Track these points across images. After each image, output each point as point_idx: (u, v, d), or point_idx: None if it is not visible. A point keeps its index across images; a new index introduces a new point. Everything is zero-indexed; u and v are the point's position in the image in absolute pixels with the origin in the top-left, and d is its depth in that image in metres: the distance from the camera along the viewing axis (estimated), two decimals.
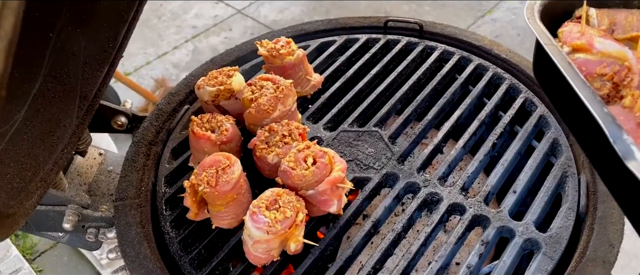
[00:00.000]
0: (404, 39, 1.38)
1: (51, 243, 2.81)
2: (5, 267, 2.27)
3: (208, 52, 3.78)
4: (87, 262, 2.71)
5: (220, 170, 1.00)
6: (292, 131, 1.09)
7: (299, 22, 1.48)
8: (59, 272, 2.69)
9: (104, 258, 2.67)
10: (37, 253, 2.76)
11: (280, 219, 0.92)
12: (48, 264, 2.71)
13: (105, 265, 2.63)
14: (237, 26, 3.99)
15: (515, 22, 3.72)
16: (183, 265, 0.99)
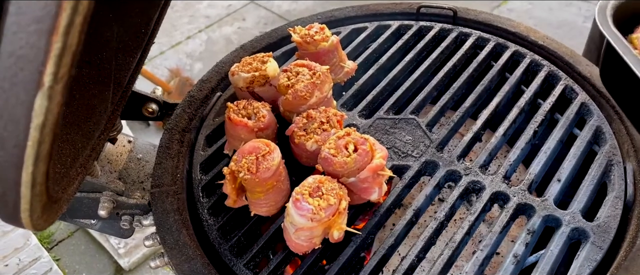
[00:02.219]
0: (437, 25, 1.35)
1: (68, 232, 2.81)
2: (25, 256, 2.28)
3: (222, 42, 3.76)
4: (104, 251, 2.71)
5: (260, 157, 0.98)
6: (330, 118, 1.07)
7: (313, 12, 1.46)
8: (76, 261, 2.69)
9: (121, 247, 2.67)
10: (54, 242, 2.77)
11: (324, 206, 0.91)
12: (65, 253, 2.72)
13: (123, 254, 2.64)
14: (250, 16, 3.96)
15: (531, 12, 3.67)
16: (223, 253, 0.98)
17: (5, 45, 0.44)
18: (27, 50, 0.43)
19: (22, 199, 0.58)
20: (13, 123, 0.48)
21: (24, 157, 0.51)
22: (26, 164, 0.52)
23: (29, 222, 0.65)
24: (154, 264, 1.05)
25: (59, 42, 0.44)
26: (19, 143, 0.50)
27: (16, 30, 0.42)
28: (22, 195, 0.57)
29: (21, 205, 0.59)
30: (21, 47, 0.43)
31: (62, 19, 0.42)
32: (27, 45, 0.43)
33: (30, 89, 0.46)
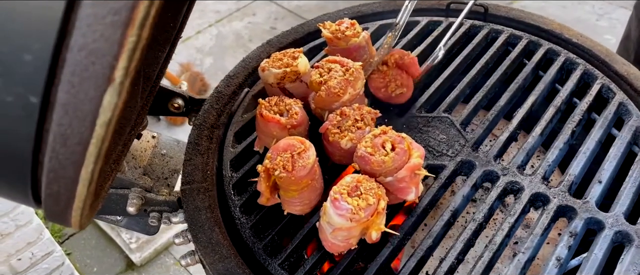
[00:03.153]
0: (468, 21, 1.33)
1: None
2: (38, 250, 2.26)
3: (232, 37, 3.74)
4: (116, 246, 2.70)
5: (296, 154, 0.96)
6: (364, 116, 1.05)
7: (323, 8, 1.44)
8: (88, 255, 2.68)
9: (133, 242, 2.66)
10: (65, 236, 2.76)
11: (363, 206, 0.89)
12: (76, 247, 2.71)
13: (135, 249, 2.62)
14: (260, 11, 3.93)
15: (545, 9, 3.64)
16: (257, 252, 0.96)
17: (76, 39, 0.42)
18: (101, 43, 0.41)
19: (77, 197, 0.56)
20: (79, 119, 0.46)
21: (85, 155, 0.49)
22: (87, 162, 0.50)
23: (78, 220, 0.63)
24: (184, 261, 1.04)
25: (134, 35, 0.42)
26: (82, 140, 0.48)
27: (91, 23, 0.40)
28: (77, 194, 0.55)
29: (74, 203, 0.57)
30: (95, 40, 0.41)
31: (139, 11, 0.40)
32: (101, 38, 0.41)
33: (100, 84, 0.43)
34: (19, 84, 0.44)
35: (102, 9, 0.40)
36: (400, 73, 1.13)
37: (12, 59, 0.43)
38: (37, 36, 0.42)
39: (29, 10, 0.41)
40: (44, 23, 0.41)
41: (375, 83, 1.14)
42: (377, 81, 1.14)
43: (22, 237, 2.15)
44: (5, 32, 0.41)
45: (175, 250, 2.67)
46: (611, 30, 3.43)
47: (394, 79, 1.13)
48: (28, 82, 0.44)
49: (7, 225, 2.07)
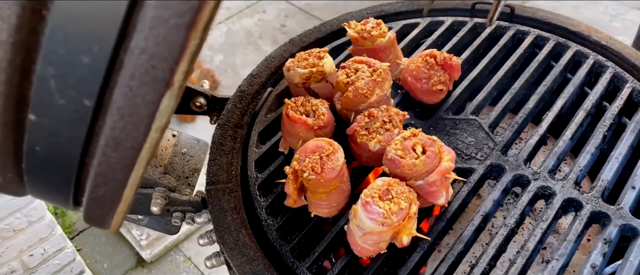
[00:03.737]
0: (493, 22, 1.31)
1: None
2: (50, 246, 2.25)
3: (242, 34, 3.72)
4: (126, 242, 2.69)
5: (325, 156, 0.95)
6: (392, 117, 1.03)
7: (333, 7, 1.43)
8: (98, 251, 2.68)
9: (143, 238, 2.65)
10: (75, 232, 2.75)
11: (395, 210, 0.87)
12: (86, 243, 2.70)
13: (145, 245, 2.62)
14: (270, 8, 3.92)
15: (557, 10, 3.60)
16: (285, 255, 0.95)
17: (137, 41, 0.40)
18: (163, 46, 0.40)
19: (122, 201, 0.54)
20: (134, 124, 0.45)
21: (137, 159, 0.48)
22: (138, 166, 0.49)
23: (118, 223, 0.62)
24: (209, 263, 1.02)
25: (196, 38, 0.40)
26: (136, 145, 0.46)
27: (154, 25, 0.39)
28: (123, 197, 0.54)
29: (118, 207, 0.56)
30: (157, 44, 0.40)
31: (204, 13, 0.39)
32: (163, 41, 0.40)
33: (159, 88, 0.42)
34: (73, 86, 0.43)
35: (166, 11, 0.38)
36: (443, 73, 1.11)
37: (69, 61, 0.41)
38: (97, 38, 0.40)
39: (89, 12, 0.39)
40: (105, 25, 0.40)
41: (417, 72, 1.11)
42: (420, 71, 1.11)
43: (34, 233, 2.14)
44: (64, 34, 0.40)
45: (185, 248, 2.66)
46: (625, 31, 3.40)
47: (437, 75, 1.11)
48: (83, 85, 0.43)
49: (20, 221, 2.06)
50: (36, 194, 0.60)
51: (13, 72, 0.42)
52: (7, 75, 0.42)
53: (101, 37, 0.41)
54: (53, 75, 0.43)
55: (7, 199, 1.97)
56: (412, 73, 1.13)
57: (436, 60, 1.12)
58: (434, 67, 1.12)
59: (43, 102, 0.45)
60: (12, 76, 0.43)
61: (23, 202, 2.03)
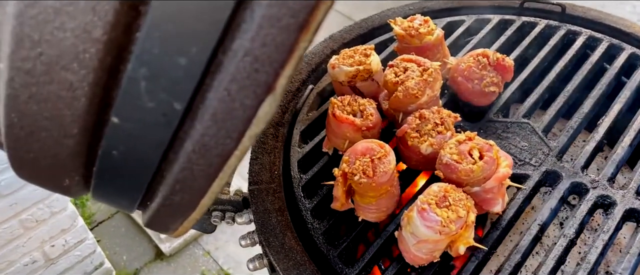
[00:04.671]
0: (543, 21, 1.26)
1: (109, 213, 2.78)
2: (71, 237, 2.24)
3: None
4: (145, 235, 2.68)
5: (376, 159, 0.91)
6: (444, 119, 0.99)
7: (344, 5, 1.38)
8: (117, 243, 2.66)
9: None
10: (95, 223, 2.74)
11: (454, 218, 0.83)
12: (106, 234, 2.69)
13: (164, 238, 2.60)
14: None
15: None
16: (333, 260, 0.91)
17: (242, 42, 0.36)
18: (270, 48, 0.36)
19: (197, 209, 0.51)
20: (226, 130, 0.41)
21: (223, 167, 0.44)
22: (223, 175, 0.45)
23: (184, 230, 0.58)
24: (251, 265, 0.99)
25: (306, 40, 0.36)
26: (225, 152, 0.42)
27: (263, 25, 0.35)
28: (199, 206, 0.50)
29: (191, 215, 0.53)
30: (264, 45, 0.36)
31: (319, 13, 0.35)
32: (272, 42, 0.36)
33: (260, 93, 0.38)
34: (165, 89, 0.39)
35: (280, 10, 0.34)
36: (496, 74, 1.06)
37: (164, 62, 0.38)
38: (197, 38, 0.37)
39: (191, 10, 0.35)
40: (207, 24, 0.36)
41: (469, 72, 1.06)
42: (472, 71, 1.06)
43: (56, 224, 2.12)
44: (162, 33, 0.36)
45: (204, 241, 2.64)
46: None
47: (489, 76, 1.06)
48: (175, 88, 0.39)
49: (43, 211, 2.05)
50: (100, 197, 0.57)
51: (102, 72, 0.39)
52: (95, 76, 0.39)
53: (202, 38, 0.37)
54: (145, 76, 0.39)
55: (30, 189, 1.96)
56: (463, 73, 1.08)
57: (489, 61, 1.07)
58: (486, 67, 1.07)
59: (130, 104, 0.41)
60: (100, 77, 0.39)
61: (46, 193, 2.01)
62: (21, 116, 0.43)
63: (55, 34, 0.37)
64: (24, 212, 1.99)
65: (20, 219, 2.00)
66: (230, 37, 0.37)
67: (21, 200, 1.95)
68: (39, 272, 2.18)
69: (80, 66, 0.39)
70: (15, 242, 2.04)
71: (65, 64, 0.39)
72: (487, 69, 1.07)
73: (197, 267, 2.53)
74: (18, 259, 2.09)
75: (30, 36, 0.38)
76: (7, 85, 0.41)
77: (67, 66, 0.39)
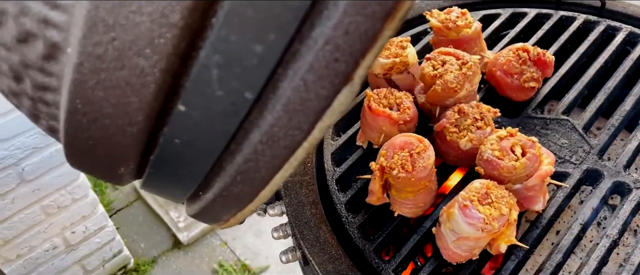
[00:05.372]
0: (581, 16, 1.23)
1: (127, 201, 2.79)
2: (91, 224, 2.25)
3: None
4: (163, 224, 2.69)
5: (415, 154, 0.89)
6: (484, 114, 0.97)
7: None
8: (135, 231, 2.67)
9: (181, 220, 2.64)
10: (113, 210, 2.75)
11: (496, 216, 0.81)
12: (124, 222, 2.70)
13: (182, 228, 2.60)
14: None
15: None
16: (369, 255, 0.90)
17: (324, 30, 0.35)
18: (353, 36, 0.34)
19: (255, 201, 0.50)
20: (297, 121, 0.39)
21: (289, 159, 0.43)
22: (287, 166, 0.43)
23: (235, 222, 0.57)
24: (284, 258, 0.98)
25: (391, 29, 0.35)
26: (293, 144, 0.41)
27: (349, 11, 0.33)
28: (258, 197, 0.49)
29: (247, 207, 0.51)
30: (347, 33, 0.34)
31: (405, 2, 0.33)
32: (355, 30, 0.34)
33: (337, 83, 0.36)
34: (237, 77, 0.38)
35: None
36: (536, 69, 1.04)
37: (240, 49, 0.36)
38: (276, 25, 0.35)
39: None
40: (288, 10, 0.34)
41: (508, 67, 1.04)
42: (511, 66, 1.04)
43: (77, 210, 2.13)
44: (240, 19, 0.35)
45: (222, 232, 2.64)
46: None
47: (529, 71, 1.04)
48: (248, 76, 0.38)
49: (64, 198, 2.05)
50: (151, 186, 0.56)
51: (175, 59, 0.37)
52: (168, 63, 0.37)
53: (281, 25, 0.35)
54: (218, 64, 0.38)
55: (53, 175, 1.96)
56: (502, 67, 1.06)
57: (529, 55, 1.05)
58: (526, 62, 1.05)
59: (198, 92, 0.40)
60: (172, 63, 0.38)
61: (68, 179, 2.02)
62: (86, 103, 0.42)
63: (131, 18, 0.36)
64: (46, 198, 2.00)
65: (42, 205, 2.01)
66: (310, 25, 0.36)
67: (44, 186, 1.96)
68: (59, 258, 2.20)
69: (154, 52, 0.38)
70: (37, 228, 2.06)
71: (138, 49, 0.37)
72: (527, 64, 1.05)
73: (214, 257, 2.54)
74: (39, 245, 2.10)
75: (105, 20, 0.36)
76: (75, 70, 0.40)
77: (140, 52, 0.38)
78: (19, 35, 0.41)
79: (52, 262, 2.17)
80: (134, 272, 2.48)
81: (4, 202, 1.89)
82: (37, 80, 0.45)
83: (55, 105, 0.47)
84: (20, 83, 0.47)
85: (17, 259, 2.07)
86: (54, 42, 0.41)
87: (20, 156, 1.83)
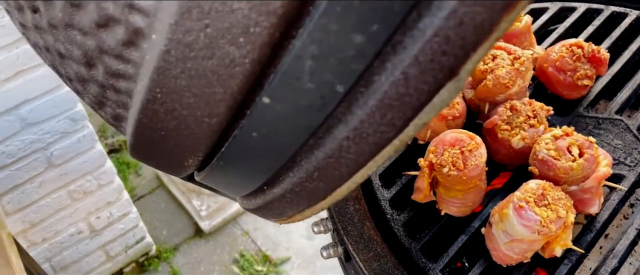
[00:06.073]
0: (633, 12, 1.18)
1: (149, 188, 2.80)
2: (116, 210, 2.25)
3: None
4: (185, 212, 2.69)
5: (467, 151, 0.86)
6: (537, 112, 0.94)
7: None
8: (157, 218, 2.68)
9: (203, 209, 2.63)
10: (136, 197, 2.76)
11: (553, 218, 0.78)
12: (146, 209, 2.71)
13: (205, 216, 2.60)
14: None
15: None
16: (416, 254, 0.87)
17: (433, 21, 0.32)
18: (467, 28, 0.31)
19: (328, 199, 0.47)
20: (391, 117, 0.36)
21: (375, 157, 0.40)
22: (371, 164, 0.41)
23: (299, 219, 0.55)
24: (325, 253, 0.96)
25: (509, 21, 0.31)
26: (381, 141, 0.38)
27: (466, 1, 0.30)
28: (332, 195, 0.46)
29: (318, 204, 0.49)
30: (461, 24, 0.31)
31: None
32: (470, 21, 0.31)
33: (441, 78, 0.34)
34: (331, 69, 0.35)
35: None
36: (590, 66, 1.00)
37: (338, 40, 0.33)
38: (382, 14, 0.32)
39: None
40: None
41: (561, 63, 1.00)
42: (565, 62, 1.00)
43: (102, 196, 2.14)
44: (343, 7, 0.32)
45: (244, 221, 2.64)
46: None
47: (583, 68, 1.00)
48: (343, 68, 0.35)
49: (91, 183, 2.06)
50: (213, 179, 0.54)
51: (268, 48, 0.35)
52: (260, 52, 0.35)
53: (386, 14, 0.32)
54: (313, 55, 0.35)
55: (80, 161, 1.96)
56: (555, 63, 1.02)
57: (583, 52, 1.01)
58: (580, 58, 1.01)
59: (287, 84, 0.37)
60: (264, 53, 0.35)
61: (95, 165, 2.02)
62: (166, 92, 0.40)
63: (228, 5, 0.33)
64: (72, 183, 2.01)
65: (69, 190, 2.02)
66: (416, 15, 0.33)
67: (71, 171, 1.97)
68: (84, 243, 2.21)
69: (247, 41, 0.35)
70: (63, 213, 2.06)
71: (232, 38, 0.35)
72: (581, 61, 1.01)
73: (236, 246, 2.53)
74: (64, 229, 2.11)
75: (200, 6, 0.34)
76: (160, 58, 0.37)
77: (234, 40, 0.35)
78: (99, 20, 0.39)
79: (76, 247, 2.19)
80: (155, 259, 2.49)
81: (32, 185, 1.90)
82: (111, 67, 0.43)
83: (127, 93, 0.45)
84: (92, 69, 0.45)
85: (43, 243, 2.08)
86: (138, 28, 0.38)
87: (49, 140, 1.83)
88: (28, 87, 1.66)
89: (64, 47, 0.44)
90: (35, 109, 1.72)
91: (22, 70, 1.61)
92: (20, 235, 1.97)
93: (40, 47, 0.48)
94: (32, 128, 1.76)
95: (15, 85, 1.62)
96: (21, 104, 1.68)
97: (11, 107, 1.66)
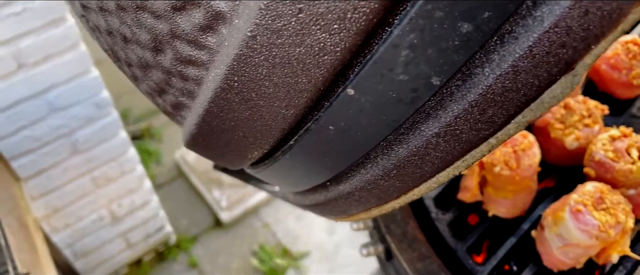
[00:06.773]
0: None
1: (169, 177, 2.79)
2: (138, 198, 2.24)
3: None
4: (204, 202, 2.67)
5: (520, 150, 0.82)
6: (592, 111, 0.89)
7: None
8: (176, 208, 2.67)
9: (223, 199, 2.62)
10: (156, 186, 2.75)
11: (613, 223, 0.74)
12: (166, 198, 2.70)
13: (225, 207, 2.59)
14: None
15: None
16: (462, 256, 0.84)
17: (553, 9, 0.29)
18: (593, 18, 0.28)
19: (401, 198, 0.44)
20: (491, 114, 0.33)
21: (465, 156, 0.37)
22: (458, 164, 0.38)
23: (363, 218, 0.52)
24: (365, 251, 0.93)
25: (637, 13, 0.28)
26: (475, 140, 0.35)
27: None
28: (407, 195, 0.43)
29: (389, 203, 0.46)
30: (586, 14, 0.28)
31: None
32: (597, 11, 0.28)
33: (554, 72, 0.30)
34: (428, 60, 0.32)
35: None
36: None
37: (442, 28, 0.30)
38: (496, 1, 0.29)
39: None
40: None
41: (616, 61, 0.96)
42: (619, 60, 0.96)
43: (124, 184, 2.13)
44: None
45: (265, 213, 2.62)
46: None
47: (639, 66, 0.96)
48: (443, 60, 0.32)
49: (114, 170, 2.05)
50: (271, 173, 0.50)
51: (361, 36, 0.31)
52: (353, 41, 0.32)
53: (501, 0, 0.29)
54: (411, 44, 0.31)
55: (105, 147, 1.95)
56: (608, 61, 0.98)
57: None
58: (636, 56, 0.96)
59: (377, 75, 0.34)
60: (357, 41, 0.32)
61: (118, 152, 2.01)
62: (244, 80, 0.37)
63: None
64: (96, 169, 2.00)
65: (92, 176, 2.01)
66: (531, 2, 0.29)
67: (95, 158, 1.96)
68: (105, 230, 2.20)
69: (342, 28, 0.31)
70: (85, 199, 2.06)
71: (325, 24, 0.31)
72: (638, 59, 0.96)
73: (256, 238, 2.51)
74: (86, 215, 2.11)
75: None
76: (243, 44, 0.34)
77: (327, 27, 0.31)
78: (176, 2, 0.36)
79: (97, 234, 2.18)
80: (175, 248, 2.48)
81: (56, 171, 1.89)
82: (183, 52, 0.39)
83: (195, 81, 0.42)
84: (159, 55, 0.41)
85: (65, 229, 2.08)
86: (219, 12, 0.35)
87: (74, 126, 1.82)
88: (56, 72, 1.65)
89: (131, 30, 0.41)
90: (62, 94, 1.71)
91: (51, 55, 1.60)
92: (44, 221, 1.97)
93: (100, 30, 0.45)
94: (58, 113, 1.75)
95: (44, 69, 1.61)
96: (48, 88, 1.67)
97: (39, 91, 1.65)
